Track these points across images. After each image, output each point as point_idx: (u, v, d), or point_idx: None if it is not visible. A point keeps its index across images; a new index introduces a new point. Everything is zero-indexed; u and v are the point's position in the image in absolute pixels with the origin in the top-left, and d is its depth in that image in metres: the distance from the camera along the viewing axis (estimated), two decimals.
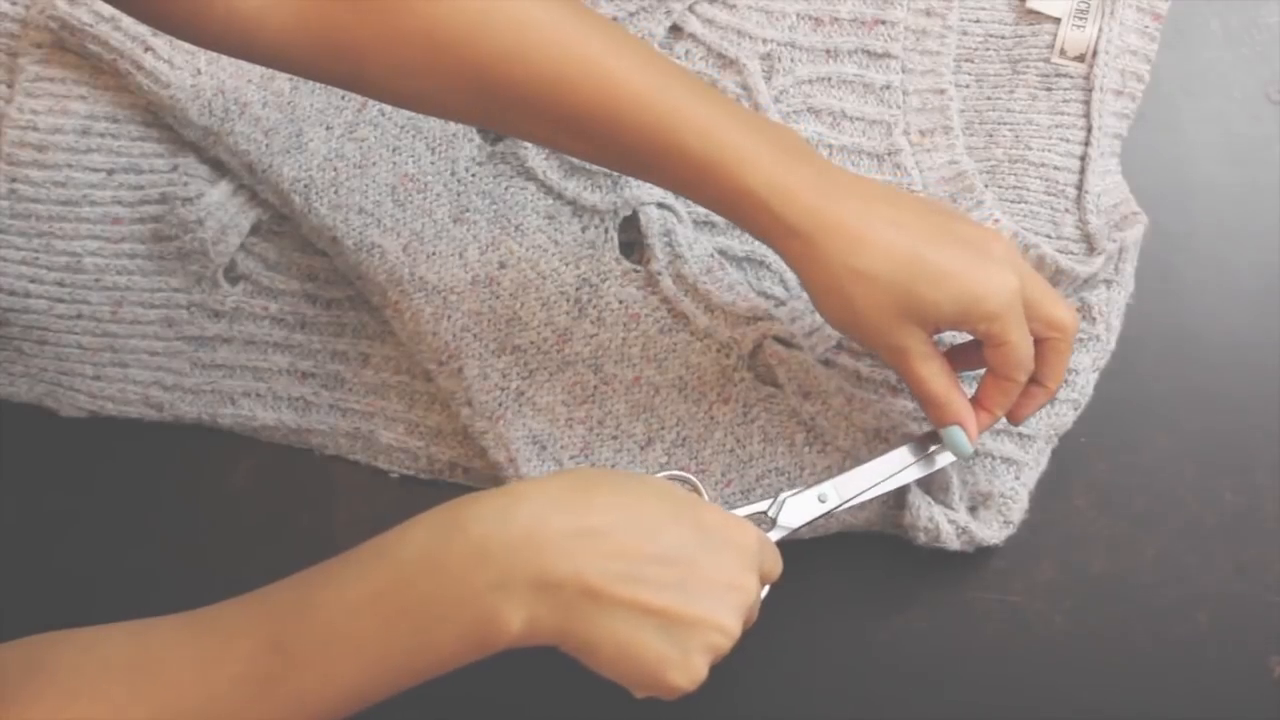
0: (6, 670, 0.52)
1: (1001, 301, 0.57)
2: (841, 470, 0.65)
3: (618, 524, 0.52)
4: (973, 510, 0.67)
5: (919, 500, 0.65)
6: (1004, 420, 0.67)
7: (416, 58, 0.56)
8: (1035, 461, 0.68)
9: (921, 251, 0.57)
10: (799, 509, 0.62)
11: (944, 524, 0.65)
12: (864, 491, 0.63)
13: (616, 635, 0.52)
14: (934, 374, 0.60)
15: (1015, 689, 0.66)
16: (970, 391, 0.63)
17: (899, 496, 0.66)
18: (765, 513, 0.62)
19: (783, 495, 0.62)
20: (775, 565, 0.58)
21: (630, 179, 0.69)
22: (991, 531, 0.66)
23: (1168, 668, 0.66)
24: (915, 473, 0.63)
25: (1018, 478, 0.67)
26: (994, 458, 0.67)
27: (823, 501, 0.62)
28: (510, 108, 0.58)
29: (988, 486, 0.66)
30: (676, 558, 0.53)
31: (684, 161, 0.57)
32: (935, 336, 0.60)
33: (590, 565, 0.51)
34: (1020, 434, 0.67)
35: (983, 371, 0.62)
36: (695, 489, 0.62)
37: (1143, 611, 0.67)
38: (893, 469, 0.63)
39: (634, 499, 0.54)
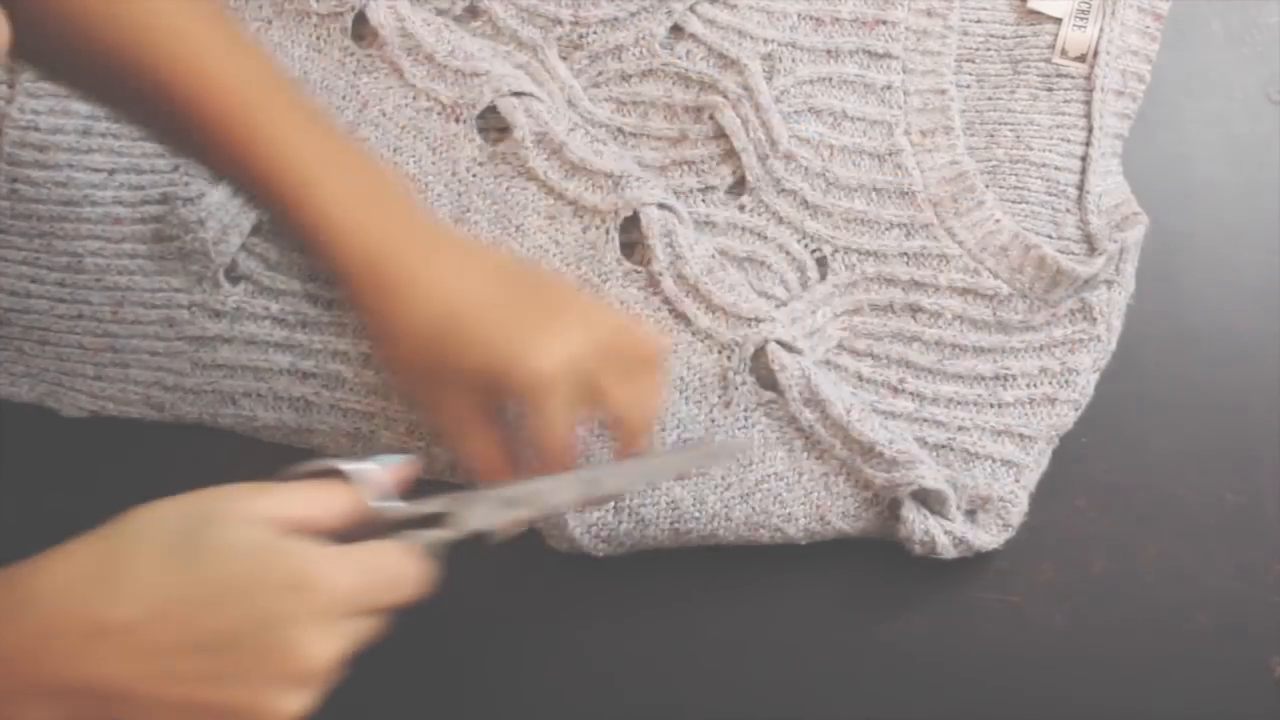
0: None
1: (526, 382, 0.54)
2: (856, 507, 0.65)
3: (148, 615, 0.45)
4: (971, 514, 0.67)
5: (913, 514, 0.65)
6: (1005, 421, 0.68)
7: (78, 60, 0.56)
8: (1035, 464, 0.68)
9: (461, 313, 0.55)
10: (483, 510, 0.53)
11: (939, 536, 0.65)
12: (584, 500, 0.57)
13: None
14: (476, 452, 0.58)
15: (1015, 689, 0.66)
16: None
17: (894, 507, 0.66)
18: (442, 513, 0.53)
19: (466, 493, 0.54)
20: (398, 591, 0.50)
21: (633, 180, 0.69)
22: (990, 536, 0.66)
23: (1168, 668, 0.66)
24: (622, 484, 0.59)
25: (1017, 480, 0.67)
26: (994, 460, 0.67)
27: (509, 507, 0.54)
28: (131, 100, 0.57)
29: (987, 490, 0.66)
30: (215, 645, 0.46)
31: (257, 182, 0.56)
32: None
33: (114, 669, 0.45)
34: (1021, 435, 0.68)
35: None
36: (351, 479, 0.52)
37: (1143, 611, 0.67)
38: (641, 474, 0.59)
39: (173, 575, 0.46)
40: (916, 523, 0.65)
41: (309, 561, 0.47)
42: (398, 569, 0.50)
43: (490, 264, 0.58)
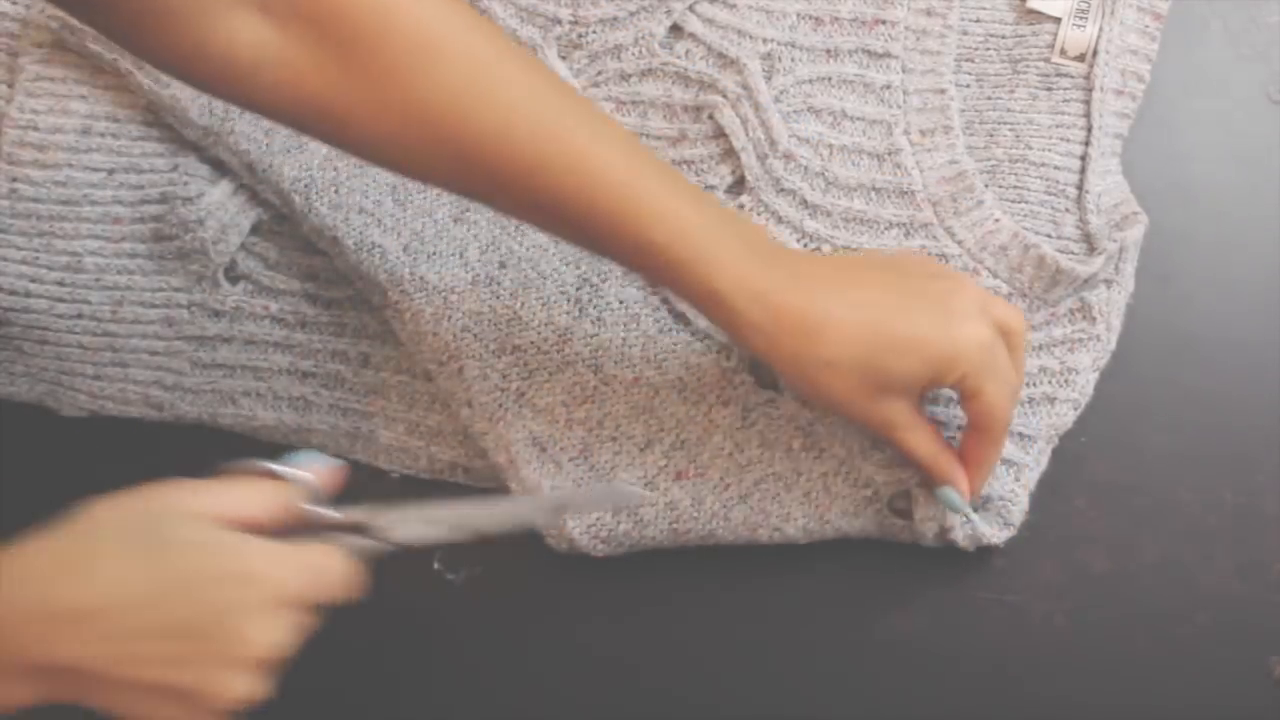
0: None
1: (971, 358, 0.59)
2: (855, 507, 0.65)
3: (115, 601, 0.50)
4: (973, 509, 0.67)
5: (924, 503, 0.65)
6: None
7: (399, 129, 0.56)
8: (1035, 463, 0.67)
9: (884, 327, 0.58)
10: (408, 527, 0.57)
11: (955, 520, 0.65)
12: (500, 528, 0.59)
13: (129, 707, 0.51)
14: (919, 442, 0.61)
15: (1015, 688, 0.66)
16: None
17: (894, 506, 0.65)
18: (366, 524, 0.56)
19: (393, 509, 0.57)
20: (329, 590, 0.54)
21: None
22: (991, 533, 0.66)
23: (1168, 668, 0.66)
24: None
25: (1017, 479, 0.67)
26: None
27: (431, 526, 0.57)
28: (492, 185, 0.58)
29: (987, 489, 0.66)
30: (173, 630, 0.50)
31: (653, 256, 0.58)
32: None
33: (81, 650, 0.49)
34: (1020, 434, 0.67)
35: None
36: (291, 480, 0.55)
37: (1143, 611, 0.67)
38: (548, 508, 0.62)
39: (131, 568, 0.50)
40: (929, 510, 0.65)
41: (257, 556, 0.52)
42: (333, 569, 0.54)
43: (870, 272, 0.61)
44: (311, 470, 0.56)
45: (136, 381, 0.70)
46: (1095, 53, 0.72)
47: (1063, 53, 0.72)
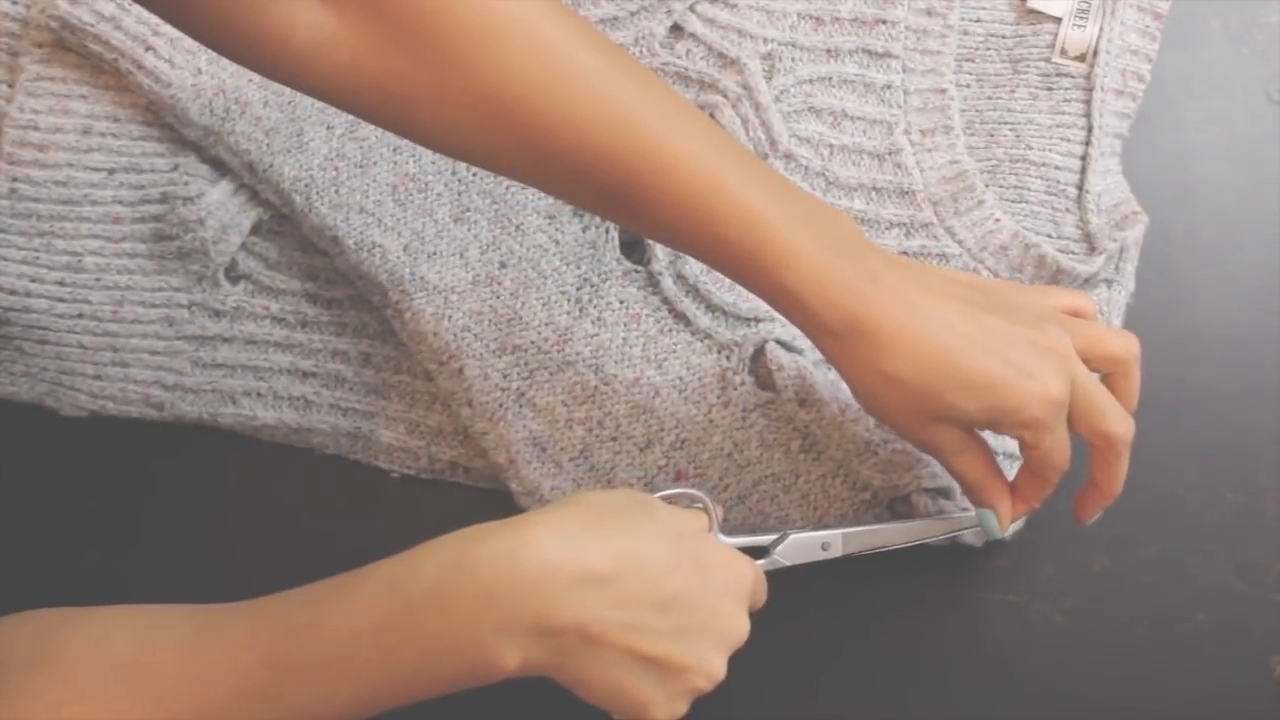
0: (11, 652, 0.52)
1: (1033, 414, 0.56)
2: (854, 510, 0.65)
3: (623, 570, 0.53)
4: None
5: (924, 500, 0.65)
6: None
7: (468, 116, 0.55)
8: None
9: (956, 360, 0.56)
10: (799, 549, 0.63)
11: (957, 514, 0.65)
12: (872, 550, 0.64)
13: (609, 678, 0.53)
14: (968, 465, 0.60)
15: (1015, 689, 0.66)
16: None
17: (899, 511, 0.66)
18: (766, 547, 0.63)
19: (790, 534, 0.63)
20: (763, 597, 0.60)
21: None
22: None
23: (1168, 667, 0.66)
24: (931, 539, 0.65)
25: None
26: (998, 454, 0.67)
27: (825, 549, 0.63)
28: (559, 174, 0.57)
29: None
30: (676, 605, 0.54)
31: (726, 249, 0.57)
32: None
33: (592, 613, 0.52)
34: None
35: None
36: (706, 509, 0.61)
37: (1143, 610, 0.67)
38: (909, 538, 0.64)
39: (642, 541, 0.54)
40: (929, 507, 0.65)
41: (727, 552, 0.57)
42: (764, 581, 0.59)
43: (961, 295, 0.58)
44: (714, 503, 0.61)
45: (137, 381, 0.70)
46: (1096, 53, 0.72)
47: (1063, 53, 0.72)
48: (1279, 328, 0.71)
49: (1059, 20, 0.73)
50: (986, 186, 0.71)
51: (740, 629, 0.56)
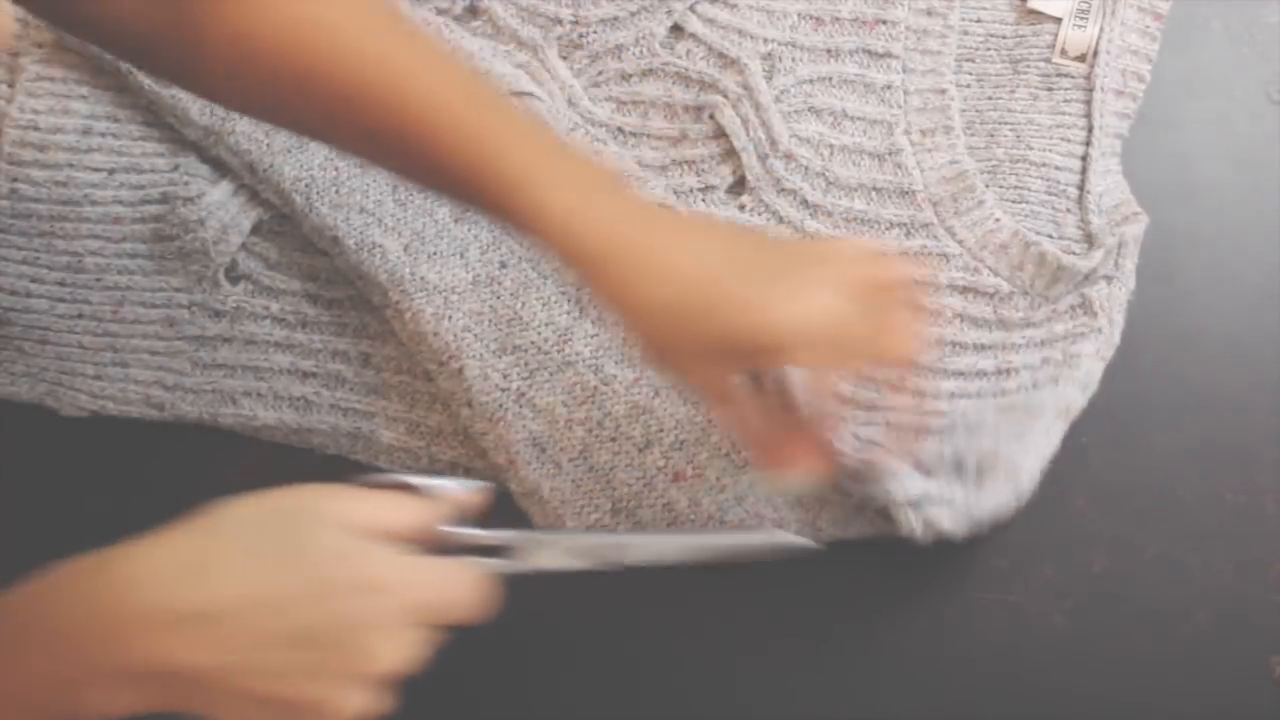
0: None
1: (802, 331, 0.53)
2: (844, 514, 0.65)
3: (236, 606, 0.47)
4: (980, 477, 0.64)
5: (904, 513, 0.63)
6: (1011, 401, 0.66)
7: (223, 63, 0.55)
8: (1045, 432, 0.65)
9: (724, 282, 0.54)
10: (548, 554, 0.56)
11: (942, 521, 0.63)
12: (645, 560, 0.58)
13: (235, 717, 0.48)
14: (729, 418, 0.58)
15: (1015, 689, 0.66)
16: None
17: (886, 511, 0.65)
18: (507, 547, 0.55)
19: (537, 534, 0.57)
20: (472, 607, 0.51)
21: (632, 180, 0.69)
22: (999, 499, 0.64)
23: (1168, 668, 0.66)
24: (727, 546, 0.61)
25: (1023, 445, 0.64)
26: (999, 431, 0.66)
27: (572, 555, 0.57)
28: (315, 119, 0.57)
29: (993, 447, 0.64)
30: (306, 639, 0.47)
31: (483, 185, 0.55)
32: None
33: (199, 658, 0.46)
34: (1026, 409, 0.66)
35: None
36: (443, 498, 0.53)
37: (1143, 612, 0.67)
38: (694, 549, 0.59)
39: (265, 569, 0.47)
40: (911, 516, 0.64)
41: (392, 567, 0.49)
42: (466, 588, 0.51)
43: (724, 235, 0.57)
44: (454, 490, 0.54)
45: (137, 381, 0.70)
46: (1096, 53, 0.72)
47: (1063, 53, 0.72)
48: (1279, 328, 0.71)
49: (1059, 20, 0.73)
50: (987, 187, 0.71)
51: (384, 661, 0.48)
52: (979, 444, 0.65)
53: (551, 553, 0.56)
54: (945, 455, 0.66)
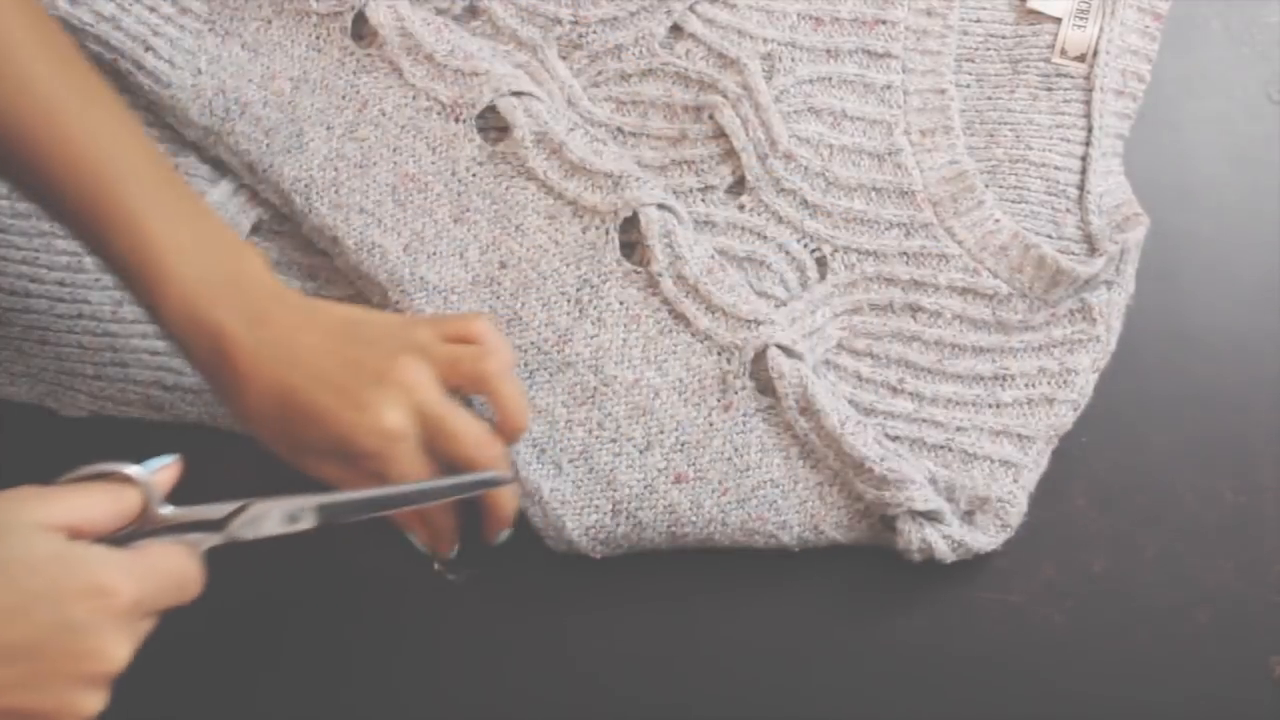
0: None
1: (365, 446, 0.57)
2: (849, 518, 0.65)
3: None
4: (969, 515, 0.67)
5: (908, 524, 0.65)
6: (1004, 421, 0.67)
7: None
8: (1035, 464, 0.68)
9: (296, 395, 0.57)
10: (263, 522, 0.56)
11: (937, 542, 0.65)
12: (360, 517, 0.57)
13: None
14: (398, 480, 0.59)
15: (1015, 689, 0.66)
16: None
17: (888, 518, 0.65)
18: (222, 520, 0.55)
19: (253, 504, 0.55)
20: (186, 590, 0.52)
21: (632, 180, 0.69)
22: (988, 538, 0.66)
23: (1168, 668, 0.66)
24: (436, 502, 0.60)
25: (1016, 480, 0.67)
26: (992, 461, 0.67)
27: (294, 521, 0.56)
28: None
29: (985, 490, 0.66)
30: (23, 651, 0.47)
31: (110, 252, 0.58)
32: None
33: None
34: (1019, 435, 0.67)
35: None
36: (142, 486, 0.53)
37: (1143, 611, 0.67)
38: (407, 504, 0.58)
39: None
40: (913, 532, 0.65)
41: (105, 567, 0.49)
42: (182, 572, 0.52)
43: (319, 329, 0.59)
44: (150, 469, 0.54)
45: (136, 381, 0.70)
46: (1095, 53, 0.72)
47: (1063, 53, 0.72)
48: (1279, 328, 0.71)
49: (1059, 20, 0.73)
50: (986, 187, 0.71)
51: (112, 660, 0.49)
52: (971, 481, 0.66)
53: (271, 520, 0.55)
54: (939, 481, 0.66)
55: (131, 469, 0.53)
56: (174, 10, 0.71)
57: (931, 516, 0.65)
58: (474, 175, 0.70)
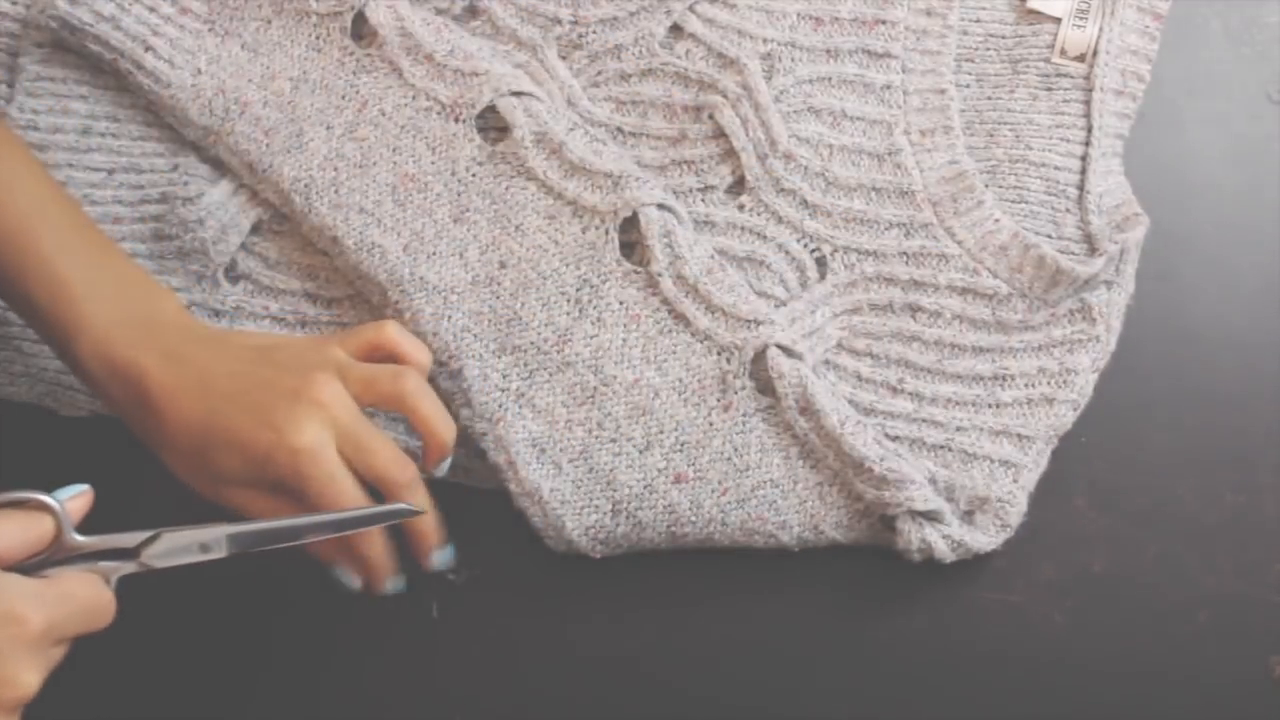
0: None
1: (282, 466, 0.57)
2: (849, 518, 0.65)
3: None
4: (969, 515, 0.67)
5: (908, 524, 0.65)
6: (1004, 421, 0.67)
7: None
8: (1034, 464, 0.68)
9: (213, 419, 0.58)
10: (175, 551, 0.55)
11: (937, 542, 0.65)
12: (267, 548, 0.57)
13: None
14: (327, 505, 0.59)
15: (1015, 689, 0.66)
16: None
17: (888, 518, 0.66)
18: (133, 549, 0.55)
19: (164, 533, 0.55)
20: (96, 619, 0.52)
21: (632, 180, 0.69)
22: (988, 538, 0.66)
23: (1168, 668, 0.66)
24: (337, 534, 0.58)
25: (1015, 480, 0.67)
26: (992, 461, 0.67)
27: (205, 550, 0.56)
28: None
29: (985, 490, 0.66)
30: None
31: (30, 309, 0.60)
32: None
33: None
34: (1019, 435, 0.67)
35: None
36: (54, 513, 0.53)
37: (1143, 611, 0.67)
38: (316, 534, 0.57)
39: None
40: (913, 532, 0.65)
41: (16, 595, 0.49)
42: (94, 600, 0.52)
43: (232, 357, 0.60)
44: (63, 497, 0.54)
45: None
46: (1095, 53, 0.72)
47: (1063, 53, 0.72)
48: (1279, 328, 0.71)
49: (1059, 20, 0.73)
50: (986, 187, 0.71)
51: (24, 687, 0.49)
52: (970, 481, 0.66)
53: (182, 549, 0.55)
54: (939, 481, 0.66)
55: (44, 497, 0.53)
56: (174, 10, 0.71)
57: (931, 516, 0.65)
58: (474, 175, 0.70)
